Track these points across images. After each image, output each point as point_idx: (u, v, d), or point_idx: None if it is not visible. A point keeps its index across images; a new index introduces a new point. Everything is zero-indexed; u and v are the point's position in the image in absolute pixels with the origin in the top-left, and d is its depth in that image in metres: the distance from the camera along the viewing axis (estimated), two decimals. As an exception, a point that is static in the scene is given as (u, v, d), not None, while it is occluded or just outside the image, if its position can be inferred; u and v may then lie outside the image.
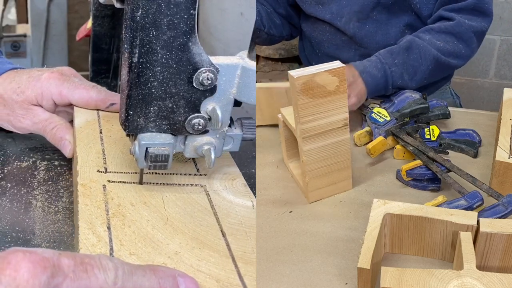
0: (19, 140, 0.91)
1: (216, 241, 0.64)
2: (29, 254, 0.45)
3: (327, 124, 0.82)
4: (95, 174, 0.73)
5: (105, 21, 0.96)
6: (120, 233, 0.64)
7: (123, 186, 0.72)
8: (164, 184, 0.73)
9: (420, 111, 1.00)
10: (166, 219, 0.67)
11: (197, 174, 0.76)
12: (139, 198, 0.70)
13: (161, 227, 0.66)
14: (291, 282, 0.73)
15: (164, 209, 0.69)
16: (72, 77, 0.86)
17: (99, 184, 0.71)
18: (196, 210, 0.69)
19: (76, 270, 0.47)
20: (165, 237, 0.64)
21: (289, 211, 0.86)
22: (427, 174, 0.87)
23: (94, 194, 0.70)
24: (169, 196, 0.71)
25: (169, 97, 0.66)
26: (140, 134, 0.69)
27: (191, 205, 0.70)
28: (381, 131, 0.99)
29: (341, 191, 0.90)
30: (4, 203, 0.76)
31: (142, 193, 0.71)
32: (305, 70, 0.78)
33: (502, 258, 0.70)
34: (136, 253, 0.61)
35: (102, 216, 0.66)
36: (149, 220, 0.67)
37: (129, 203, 0.70)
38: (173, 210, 0.69)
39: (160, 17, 0.61)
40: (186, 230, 0.65)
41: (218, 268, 0.60)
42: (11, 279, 0.43)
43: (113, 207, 0.68)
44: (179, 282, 0.53)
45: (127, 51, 0.63)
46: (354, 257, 0.75)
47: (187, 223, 0.67)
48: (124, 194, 0.71)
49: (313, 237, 0.81)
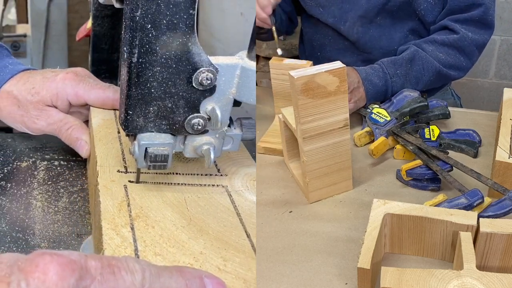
0: (19, 140, 0.91)
1: (241, 241, 0.64)
2: (56, 256, 0.45)
3: (328, 125, 0.82)
4: (115, 174, 0.73)
5: (105, 21, 0.96)
6: (144, 233, 0.63)
7: (144, 187, 0.72)
8: (185, 184, 0.73)
9: (419, 109, 1.00)
10: (189, 220, 0.67)
11: (218, 174, 0.76)
12: (161, 198, 0.70)
13: (185, 228, 0.65)
14: (291, 282, 0.73)
15: (187, 209, 0.69)
16: (86, 77, 0.86)
17: (120, 184, 0.71)
18: (219, 211, 0.69)
19: (104, 273, 0.46)
20: (189, 237, 0.64)
21: (289, 211, 0.86)
22: (427, 174, 0.87)
23: (116, 194, 0.70)
24: (191, 196, 0.71)
25: (168, 97, 0.66)
26: (140, 134, 0.69)
27: (213, 206, 0.70)
28: (382, 131, 0.99)
29: (342, 191, 0.90)
30: (4, 203, 0.76)
31: (164, 194, 0.71)
32: (306, 70, 0.78)
33: (502, 258, 0.70)
34: (161, 253, 0.61)
35: (125, 217, 0.66)
36: (173, 220, 0.66)
37: (151, 204, 0.69)
38: (196, 210, 0.68)
39: (159, 17, 0.61)
40: (210, 231, 0.65)
41: (244, 269, 0.59)
42: (40, 282, 0.43)
43: (135, 207, 0.68)
44: (206, 283, 0.52)
45: (127, 51, 0.63)
46: (354, 257, 0.75)
47: (210, 223, 0.66)
48: (146, 194, 0.71)
49: (313, 237, 0.81)
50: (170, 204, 0.69)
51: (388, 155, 0.99)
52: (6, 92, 0.84)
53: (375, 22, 1.22)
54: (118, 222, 0.65)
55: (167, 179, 0.74)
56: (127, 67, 0.64)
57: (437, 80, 1.17)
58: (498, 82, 2.14)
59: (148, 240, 0.63)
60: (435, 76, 1.15)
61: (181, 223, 0.66)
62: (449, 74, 1.16)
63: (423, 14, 1.18)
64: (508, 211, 0.75)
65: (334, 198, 0.89)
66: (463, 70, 1.18)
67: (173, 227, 0.65)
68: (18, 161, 0.85)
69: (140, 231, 0.64)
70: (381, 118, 1.00)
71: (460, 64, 1.17)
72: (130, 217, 0.66)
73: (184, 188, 0.73)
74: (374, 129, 1.00)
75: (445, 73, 1.15)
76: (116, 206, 0.68)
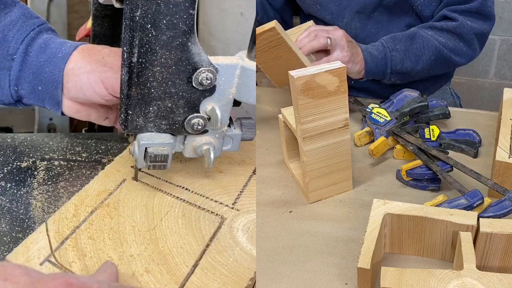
0: (19, 140, 0.91)
1: (181, 267, 0.62)
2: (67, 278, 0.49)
3: (328, 125, 0.82)
4: (127, 167, 0.76)
5: (105, 21, 0.96)
6: (98, 219, 0.67)
7: (143, 186, 0.74)
8: (191, 203, 0.73)
9: (419, 109, 1.00)
10: (152, 228, 0.67)
11: (229, 206, 0.73)
12: (145, 201, 0.71)
13: (140, 232, 0.66)
14: (291, 282, 0.73)
15: (160, 220, 0.69)
16: None
17: (121, 177, 0.75)
18: (191, 235, 0.67)
19: None
20: (135, 240, 0.65)
21: (289, 211, 0.86)
22: (427, 174, 0.87)
23: (108, 183, 0.73)
24: (177, 212, 0.71)
25: (168, 97, 0.66)
26: (140, 134, 0.69)
27: (190, 229, 0.68)
28: (382, 131, 0.99)
29: (342, 191, 0.90)
30: (4, 203, 0.76)
31: (152, 199, 0.72)
32: (306, 70, 0.78)
33: (502, 258, 0.70)
34: (95, 239, 0.64)
35: (95, 202, 0.70)
36: (135, 221, 0.68)
37: (131, 201, 0.70)
38: (167, 224, 0.68)
39: (159, 17, 0.61)
40: (162, 245, 0.65)
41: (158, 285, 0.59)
42: None
43: (114, 198, 0.70)
44: None
45: (127, 51, 0.63)
46: (354, 257, 0.75)
47: (169, 240, 0.66)
48: (135, 192, 0.72)
49: (313, 237, 0.81)
50: (148, 209, 0.70)
51: (388, 155, 0.99)
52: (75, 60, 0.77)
53: (372, 18, 1.22)
54: (85, 203, 0.69)
55: (174, 192, 0.74)
56: (127, 67, 0.64)
57: (438, 63, 1.16)
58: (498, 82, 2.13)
59: (96, 225, 0.66)
60: (435, 56, 1.15)
61: (141, 227, 0.67)
62: (449, 56, 1.16)
63: (420, 10, 1.19)
64: (508, 212, 0.75)
65: (334, 198, 0.89)
66: (464, 56, 1.18)
67: (129, 226, 0.67)
68: (18, 161, 0.85)
69: (96, 216, 0.68)
70: (381, 118, 1.00)
71: (461, 50, 1.17)
72: (101, 203, 0.70)
73: (184, 204, 0.72)
74: (374, 129, 1.00)
75: (446, 54, 1.15)
76: (97, 191, 0.71)
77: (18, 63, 0.76)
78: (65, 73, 0.76)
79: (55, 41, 0.78)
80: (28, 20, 0.79)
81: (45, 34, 0.79)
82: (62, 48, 0.77)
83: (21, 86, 0.77)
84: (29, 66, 0.76)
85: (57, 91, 0.77)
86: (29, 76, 0.77)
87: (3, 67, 0.77)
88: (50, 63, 0.76)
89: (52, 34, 0.81)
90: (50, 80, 0.76)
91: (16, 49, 0.76)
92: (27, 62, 0.76)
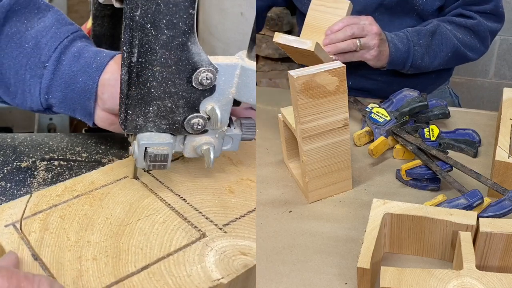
0: (19, 140, 0.91)
1: (128, 264, 0.61)
2: None
3: (327, 124, 0.82)
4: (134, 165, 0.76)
5: (105, 21, 0.96)
6: (69, 204, 0.70)
7: (142, 185, 0.74)
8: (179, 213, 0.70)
9: (419, 109, 1.00)
10: (125, 225, 0.67)
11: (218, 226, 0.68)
12: (136, 200, 0.71)
13: (111, 225, 0.67)
14: (291, 282, 0.73)
15: (138, 219, 0.68)
16: None
17: (124, 173, 0.76)
18: (158, 241, 0.65)
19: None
20: (100, 230, 0.66)
21: (288, 211, 0.86)
22: (426, 173, 0.87)
23: (107, 176, 0.74)
24: (158, 217, 0.69)
25: (168, 97, 0.66)
26: (139, 134, 0.69)
27: (161, 236, 0.66)
28: (381, 131, 0.99)
29: (341, 191, 0.90)
30: (4, 203, 0.76)
31: (144, 200, 0.71)
32: (305, 70, 0.78)
33: (502, 258, 0.70)
34: (64, 218, 0.67)
35: (82, 188, 0.72)
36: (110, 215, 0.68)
37: (117, 196, 0.72)
38: (141, 226, 0.67)
39: (159, 17, 0.61)
40: (122, 242, 0.64)
41: (96, 274, 0.60)
42: None
43: (104, 190, 0.72)
44: None
45: (126, 51, 0.63)
46: (353, 257, 0.75)
47: (134, 239, 0.65)
48: (127, 189, 0.73)
49: (313, 237, 0.81)
50: (132, 207, 0.70)
51: (387, 155, 0.99)
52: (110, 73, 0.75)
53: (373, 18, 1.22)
54: (76, 188, 0.72)
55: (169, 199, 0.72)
56: (127, 67, 0.64)
57: (453, 59, 1.20)
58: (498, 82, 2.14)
59: (73, 208, 0.68)
60: (452, 53, 1.18)
61: (115, 221, 0.68)
62: (465, 53, 1.20)
63: (422, 9, 1.19)
64: (508, 212, 0.75)
65: (334, 197, 0.89)
66: (477, 52, 1.23)
67: (103, 217, 0.68)
68: (18, 161, 0.85)
69: (78, 201, 0.70)
70: (381, 117, 1.00)
71: (475, 46, 1.21)
72: (90, 191, 0.72)
73: (166, 210, 0.70)
74: (374, 129, 1.00)
75: (462, 51, 1.19)
76: (93, 180, 0.73)
77: (50, 71, 0.74)
78: (100, 83, 0.74)
79: (89, 49, 0.76)
80: (62, 27, 0.77)
81: (79, 42, 0.77)
82: (97, 58, 0.75)
83: (51, 95, 0.75)
84: (61, 75, 0.74)
85: (90, 102, 0.75)
86: (60, 86, 0.75)
87: (35, 74, 0.75)
88: (83, 73, 0.74)
89: (86, 42, 0.78)
90: (83, 91, 0.74)
91: (49, 57, 0.74)
92: (59, 70, 0.74)
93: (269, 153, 1.02)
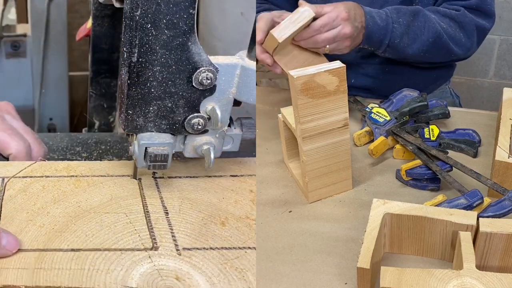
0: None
1: (62, 240, 0.63)
2: None
3: (327, 124, 0.82)
4: None
5: (105, 21, 0.96)
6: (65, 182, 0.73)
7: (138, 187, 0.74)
8: (149, 221, 0.67)
9: (419, 109, 1.00)
10: (91, 212, 0.68)
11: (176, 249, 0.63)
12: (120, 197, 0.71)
13: (79, 208, 0.68)
14: (291, 282, 0.73)
15: (107, 212, 0.68)
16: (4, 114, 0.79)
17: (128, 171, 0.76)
18: (110, 236, 0.64)
19: None
20: (64, 206, 0.68)
21: (288, 211, 0.86)
22: (426, 173, 0.87)
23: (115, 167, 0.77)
24: (126, 217, 0.67)
25: (168, 97, 0.66)
26: (140, 133, 0.69)
27: (115, 233, 0.65)
28: (381, 131, 0.99)
29: (341, 191, 0.90)
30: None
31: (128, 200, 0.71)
32: (305, 70, 0.78)
33: (501, 258, 0.70)
34: (44, 187, 0.71)
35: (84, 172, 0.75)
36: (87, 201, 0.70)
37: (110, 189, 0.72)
38: (105, 219, 0.67)
39: (159, 17, 0.61)
40: (75, 222, 0.66)
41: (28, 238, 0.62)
42: None
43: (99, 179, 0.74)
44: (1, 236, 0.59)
45: (127, 51, 0.63)
46: (353, 257, 0.75)
47: (88, 225, 0.65)
48: (124, 187, 0.73)
49: (313, 237, 0.81)
50: (112, 202, 0.70)
51: (387, 155, 0.99)
52: None
53: None
54: (77, 169, 0.76)
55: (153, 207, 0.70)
56: (127, 66, 0.64)
57: (435, 47, 1.13)
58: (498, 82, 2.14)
59: (57, 183, 0.72)
60: (433, 39, 1.12)
61: (84, 206, 0.69)
62: (448, 43, 1.14)
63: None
64: (508, 212, 0.75)
65: (334, 197, 0.89)
66: (462, 47, 1.17)
67: (76, 199, 0.70)
68: (18, 160, 0.85)
69: (68, 180, 0.73)
70: (381, 117, 1.00)
71: (460, 40, 1.15)
72: (85, 176, 0.75)
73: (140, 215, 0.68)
74: (374, 129, 1.00)
75: (444, 40, 1.13)
76: (95, 169, 0.76)
77: None
78: None
79: None
80: None
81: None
82: None
83: None
84: None
85: None
86: None
87: None
88: None
89: None
90: None
91: None
92: None
93: (269, 153, 1.02)
